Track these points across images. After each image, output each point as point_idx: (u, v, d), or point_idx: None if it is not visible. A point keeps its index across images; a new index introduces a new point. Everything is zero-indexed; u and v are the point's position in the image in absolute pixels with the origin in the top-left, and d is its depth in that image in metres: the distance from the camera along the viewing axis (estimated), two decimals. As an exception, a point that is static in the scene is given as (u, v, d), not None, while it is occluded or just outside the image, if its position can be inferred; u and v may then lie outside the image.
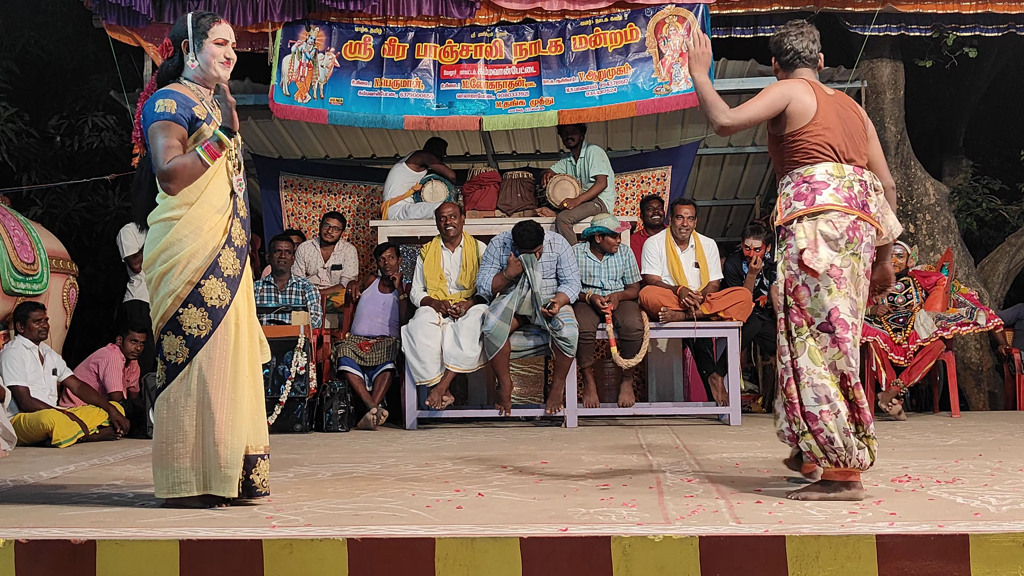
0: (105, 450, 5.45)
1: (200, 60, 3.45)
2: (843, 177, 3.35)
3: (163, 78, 3.49)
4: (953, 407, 6.73)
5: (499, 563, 2.61)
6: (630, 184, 8.65)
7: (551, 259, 6.49)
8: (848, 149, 3.41)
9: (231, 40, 3.51)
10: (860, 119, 3.50)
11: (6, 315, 6.45)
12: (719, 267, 6.76)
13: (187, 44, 3.43)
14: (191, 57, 3.44)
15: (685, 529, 2.68)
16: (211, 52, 3.44)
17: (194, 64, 3.45)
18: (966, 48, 7.98)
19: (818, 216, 3.32)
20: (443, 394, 6.29)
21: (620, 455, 4.61)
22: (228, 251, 3.38)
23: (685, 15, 7.19)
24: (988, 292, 8.35)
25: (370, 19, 7.42)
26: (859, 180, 3.37)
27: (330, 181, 8.87)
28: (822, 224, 3.32)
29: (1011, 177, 9.43)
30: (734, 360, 6.33)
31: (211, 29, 3.44)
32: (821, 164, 3.38)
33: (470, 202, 7.47)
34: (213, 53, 3.44)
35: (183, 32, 3.44)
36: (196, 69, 3.45)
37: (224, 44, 3.47)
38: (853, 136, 3.44)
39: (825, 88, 3.52)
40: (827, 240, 3.32)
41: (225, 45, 3.47)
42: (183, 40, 3.44)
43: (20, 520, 3.05)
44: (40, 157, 9.71)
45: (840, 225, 3.31)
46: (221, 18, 3.53)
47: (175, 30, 3.47)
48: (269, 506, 3.27)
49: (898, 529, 2.63)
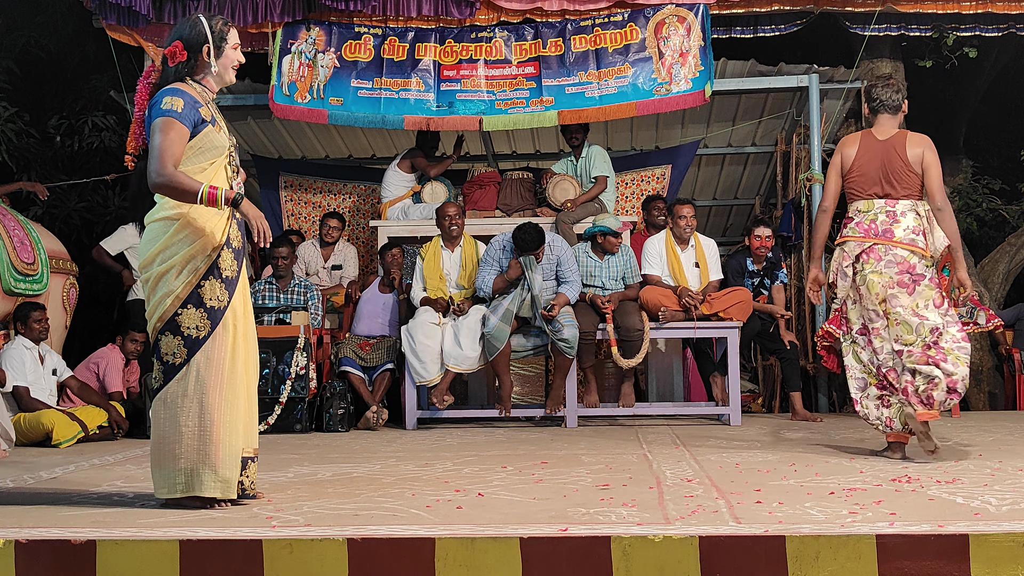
0: (105, 450, 5.45)
1: (219, 66, 3.48)
2: (868, 212, 4.33)
3: (163, 82, 3.47)
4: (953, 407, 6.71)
5: (499, 563, 2.61)
6: (630, 183, 8.65)
7: (551, 261, 6.49)
8: (883, 185, 4.32)
9: (239, 45, 3.57)
10: (901, 158, 4.33)
11: (6, 315, 6.45)
12: (719, 267, 6.76)
13: (208, 50, 3.45)
14: (212, 64, 3.47)
15: (685, 529, 2.68)
16: (230, 57, 3.50)
17: (214, 69, 3.47)
18: (966, 48, 7.98)
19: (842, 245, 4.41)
20: (444, 394, 6.29)
21: (620, 455, 4.61)
22: (227, 252, 3.39)
23: (685, 15, 7.19)
24: (988, 292, 8.36)
25: (370, 19, 7.42)
26: (887, 211, 4.30)
27: (330, 181, 8.87)
28: (837, 252, 4.41)
29: (1011, 177, 9.43)
30: (734, 360, 6.33)
31: (228, 35, 3.50)
32: (854, 202, 4.43)
33: (470, 202, 7.47)
34: (231, 58, 3.51)
35: (202, 38, 3.44)
36: (216, 76, 3.49)
37: (237, 48, 3.54)
38: (890, 174, 4.32)
39: (877, 135, 4.44)
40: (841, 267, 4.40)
41: (237, 49, 3.54)
42: (204, 46, 3.44)
43: (20, 520, 3.05)
44: (40, 157, 9.71)
45: (852, 252, 4.34)
46: (231, 22, 3.58)
47: (190, 36, 3.45)
48: (269, 506, 3.27)
49: (898, 529, 2.63)
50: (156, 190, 3.32)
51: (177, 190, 3.28)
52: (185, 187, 3.27)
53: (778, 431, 5.78)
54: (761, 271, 6.94)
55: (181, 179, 3.27)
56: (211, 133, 3.40)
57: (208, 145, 3.40)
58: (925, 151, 4.34)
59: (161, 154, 3.28)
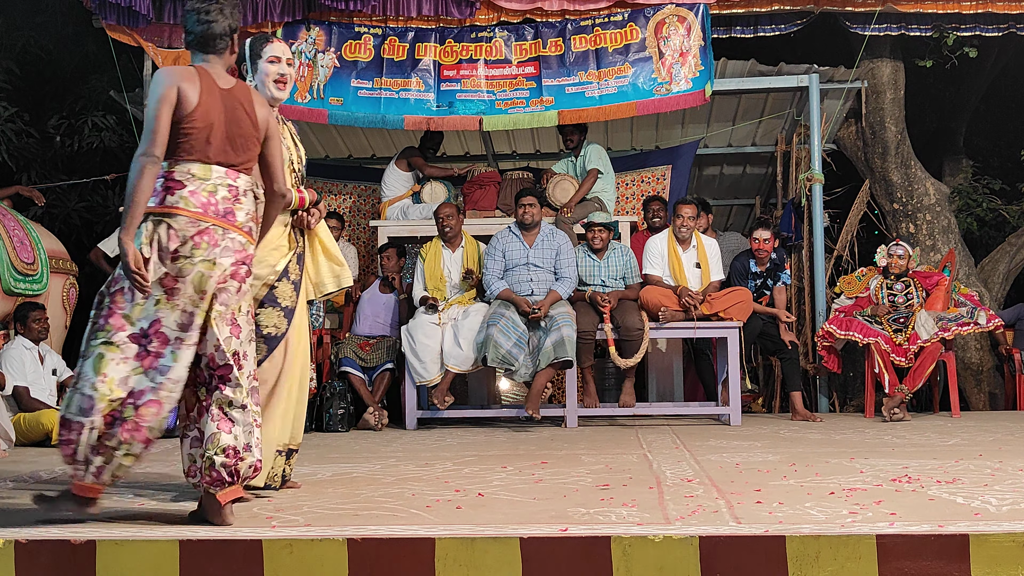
0: (105, 450, 5.43)
1: (256, 80, 3.63)
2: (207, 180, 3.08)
3: None
4: (953, 407, 6.73)
5: (499, 563, 2.60)
6: (630, 184, 8.65)
7: (551, 248, 6.47)
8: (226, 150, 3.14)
9: (285, 56, 3.67)
10: (249, 116, 3.18)
11: (6, 315, 6.45)
12: (720, 267, 6.76)
13: (245, 68, 3.64)
14: (249, 78, 3.63)
15: (685, 529, 2.68)
16: (265, 71, 3.63)
17: (252, 85, 3.61)
18: (966, 48, 7.98)
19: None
20: (444, 394, 6.29)
21: (620, 455, 4.61)
22: (285, 283, 3.64)
23: (685, 15, 7.19)
24: (988, 292, 8.35)
25: (370, 19, 7.42)
26: (228, 185, 3.11)
27: (330, 181, 8.87)
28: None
29: (1011, 177, 9.43)
30: (734, 360, 6.33)
31: (264, 49, 3.64)
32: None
33: (470, 202, 7.47)
34: (267, 72, 3.63)
35: (240, 58, 3.63)
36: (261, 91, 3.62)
37: (277, 61, 3.64)
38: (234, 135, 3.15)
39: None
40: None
41: (278, 63, 3.64)
42: (242, 65, 3.64)
43: (20, 520, 3.05)
44: (40, 157, 9.71)
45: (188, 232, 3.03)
46: (275, 38, 3.72)
47: (238, 56, 3.62)
48: (269, 506, 3.27)
49: (898, 529, 2.63)
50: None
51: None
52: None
53: (778, 431, 5.78)
54: (764, 272, 6.94)
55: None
56: None
57: None
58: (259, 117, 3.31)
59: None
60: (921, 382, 6.50)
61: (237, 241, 3.08)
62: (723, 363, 6.46)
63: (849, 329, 6.70)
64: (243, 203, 3.12)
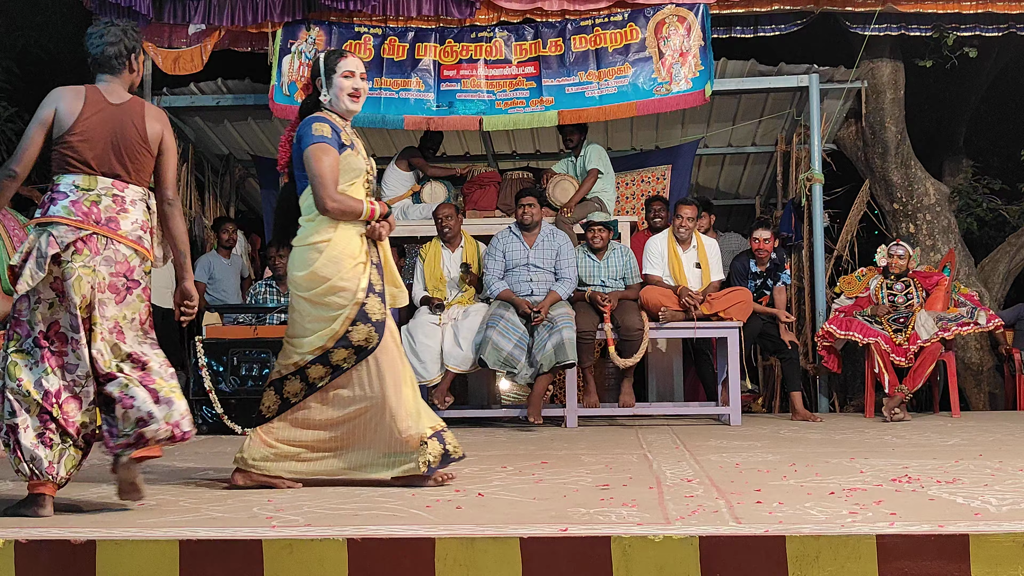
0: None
1: (331, 94, 3.73)
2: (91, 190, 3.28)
3: (304, 111, 3.78)
4: (953, 407, 6.73)
5: (499, 563, 2.60)
6: (630, 184, 8.64)
7: (552, 249, 6.47)
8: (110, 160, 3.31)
9: (359, 71, 3.75)
10: (138, 130, 3.36)
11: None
12: (720, 267, 6.76)
13: (320, 82, 3.73)
14: (324, 92, 3.73)
15: (685, 529, 2.68)
16: (339, 86, 3.71)
17: (326, 99, 3.72)
18: (966, 48, 7.98)
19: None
20: (444, 394, 6.29)
21: (620, 455, 4.61)
22: (373, 269, 3.71)
23: (685, 15, 7.19)
24: (988, 292, 8.36)
25: (370, 19, 7.42)
26: (114, 195, 3.29)
27: (330, 181, 8.85)
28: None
29: (1011, 177, 9.43)
30: (734, 360, 6.33)
31: (338, 64, 3.73)
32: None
33: (470, 202, 7.47)
34: (341, 87, 3.71)
35: (315, 72, 3.73)
36: (328, 103, 3.72)
37: (351, 76, 3.73)
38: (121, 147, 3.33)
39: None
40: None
41: (352, 77, 3.73)
42: (316, 79, 3.74)
43: (20, 520, 3.05)
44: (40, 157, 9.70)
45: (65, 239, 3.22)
46: (349, 52, 3.83)
47: (312, 70, 3.77)
48: (269, 506, 3.27)
49: (898, 529, 2.63)
50: (327, 213, 3.60)
51: (346, 212, 3.62)
52: (352, 208, 3.62)
53: (778, 431, 5.78)
54: (764, 272, 6.94)
55: (349, 202, 3.62)
56: (350, 156, 3.68)
57: (348, 167, 3.67)
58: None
59: (327, 181, 3.58)
60: (921, 382, 6.50)
61: (120, 252, 3.27)
62: (723, 363, 6.47)
63: (849, 329, 6.70)
64: (130, 212, 3.31)
